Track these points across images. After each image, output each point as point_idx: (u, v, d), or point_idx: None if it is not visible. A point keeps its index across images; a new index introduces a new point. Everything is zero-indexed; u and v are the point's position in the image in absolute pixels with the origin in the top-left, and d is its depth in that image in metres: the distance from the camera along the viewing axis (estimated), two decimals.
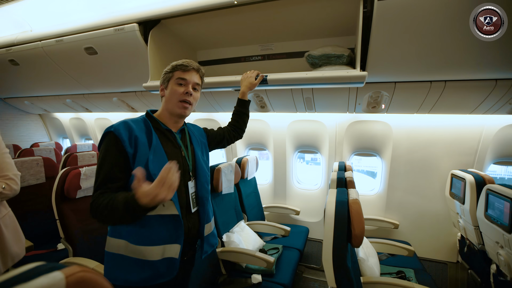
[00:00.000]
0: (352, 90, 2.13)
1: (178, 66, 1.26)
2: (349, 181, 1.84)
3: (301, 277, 2.97)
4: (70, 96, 3.60)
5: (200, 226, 1.31)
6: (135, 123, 1.17)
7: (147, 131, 1.19)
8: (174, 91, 1.24)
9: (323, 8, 1.75)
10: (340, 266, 1.21)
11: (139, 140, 1.13)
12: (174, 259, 1.17)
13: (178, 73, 1.25)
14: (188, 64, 1.26)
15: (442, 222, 2.63)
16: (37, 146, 4.30)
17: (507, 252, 1.62)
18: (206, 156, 1.45)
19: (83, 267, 0.47)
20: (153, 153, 1.14)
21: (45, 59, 2.65)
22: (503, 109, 1.98)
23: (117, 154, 1.09)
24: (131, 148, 1.11)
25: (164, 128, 1.26)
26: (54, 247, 2.28)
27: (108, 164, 1.08)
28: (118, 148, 1.09)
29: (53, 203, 1.89)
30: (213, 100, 2.74)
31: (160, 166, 1.11)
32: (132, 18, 2.03)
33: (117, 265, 1.15)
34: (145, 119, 1.24)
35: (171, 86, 1.26)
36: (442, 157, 2.54)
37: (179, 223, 1.17)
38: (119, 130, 1.10)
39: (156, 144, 1.17)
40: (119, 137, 1.09)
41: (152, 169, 1.11)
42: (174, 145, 1.27)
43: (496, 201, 1.68)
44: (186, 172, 1.27)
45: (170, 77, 1.27)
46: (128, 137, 1.11)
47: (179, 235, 1.18)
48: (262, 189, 3.39)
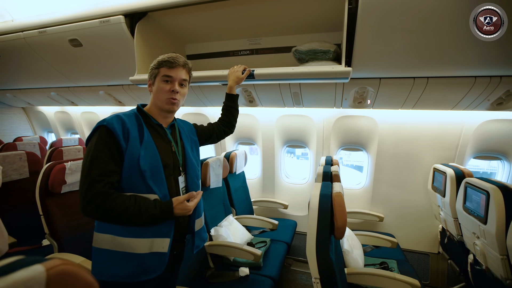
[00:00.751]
0: (338, 86, 2.16)
1: (164, 62, 1.23)
2: (334, 175, 1.88)
3: (289, 270, 3.02)
4: (54, 89, 3.51)
5: (191, 221, 1.32)
6: (127, 117, 1.16)
7: (139, 126, 1.18)
8: (160, 89, 1.23)
9: (310, 3, 1.76)
10: (323, 257, 1.25)
11: (130, 134, 1.12)
12: (163, 254, 1.17)
13: (164, 70, 1.23)
14: (174, 61, 1.24)
15: (425, 214, 2.72)
16: (21, 140, 4.18)
17: (482, 242, 1.70)
18: (196, 152, 1.45)
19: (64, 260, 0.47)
20: (144, 149, 1.14)
21: (27, 51, 2.57)
22: (482, 105, 2.06)
23: (112, 148, 1.08)
24: (124, 141, 1.10)
25: (155, 123, 1.26)
26: (39, 243, 2.25)
27: (103, 158, 1.06)
28: (112, 140, 1.08)
29: (37, 198, 1.86)
30: (201, 94, 2.73)
31: (150, 162, 1.14)
32: (118, 10, 1.99)
33: (104, 260, 1.14)
34: (136, 114, 1.23)
35: (157, 83, 1.24)
36: (425, 151, 2.62)
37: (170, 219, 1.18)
38: (113, 123, 1.09)
39: (148, 140, 1.17)
40: (113, 131, 1.08)
41: (143, 165, 1.11)
42: (165, 140, 1.27)
43: (474, 194, 1.75)
44: (176, 167, 1.27)
45: (156, 73, 1.25)
46: (121, 130, 1.10)
47: (169, 229, 1.18)
48: (251, 183, 3.41)
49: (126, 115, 1.18)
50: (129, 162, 1.10)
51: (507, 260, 1.51)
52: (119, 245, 1.13)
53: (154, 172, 1.15)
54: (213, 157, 2.43)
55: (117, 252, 1.13)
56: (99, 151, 1.06)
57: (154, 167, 1.15)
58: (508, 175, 2.49)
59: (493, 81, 1.81)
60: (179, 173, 1.28)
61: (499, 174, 2.59)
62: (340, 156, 3.17)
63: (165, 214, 1.11)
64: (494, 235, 1.53)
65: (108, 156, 1.07)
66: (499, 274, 1.59)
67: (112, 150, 1.08)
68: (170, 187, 1.22)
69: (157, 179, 1.15)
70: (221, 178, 2.52)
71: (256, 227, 2.79)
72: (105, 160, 1.06)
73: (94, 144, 1.07)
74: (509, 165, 2.48)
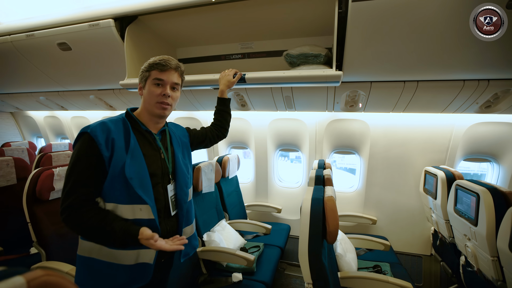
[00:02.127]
0: (330, 89, 2.17)
1: (155, 65, 1.19)
2: (327, 179, 1.88)
3: (283, 274, 3.00)
4: (43, 93, 3.45)
5: (179, 230, 1.28)
6: (113, 123, 1.12)
7: (125, 132, 1.14)
8: (151, 92, 1.19)
9: (301, 7, 1.77)
10: (315, 262, 1.24)
11: (115, 142, 1.08)
12: (148, 265, 1.14)
13: (155, 73, 1.19)
14: (165, 63, 1.20)
15: (417, 217, 2.74)
16: (9, 146, 4.09)
17: (473, 244, 1.71)
18: (187, 158, 1.41)
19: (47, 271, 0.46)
20: (130, 157, 1.10)
21: (15, 54, 2.52)
22: (471, 108, 2.09)
23: (91, 157, 1.04)
24: (107, 151, 1.06)
25: (143, 129, 1.21)
26: (27, 252, 2.19)
27: (81, 167, 1.04)
28: (93, 150, 1.04)
29: (24, 206, 1.81)
30: (193, 98, 2.71)
31: (137, 170, 1.10)
32: (107, 14, 1.97)
33: (89, 270, 1.11)
34: (124, 119, 1.18)
35: (148, 86, 1.20)
36: (417, 154, 2.64)
37: (155, 228, 1.12)
38: (96, 132, 1.05)
39: (134, 147, 1.12)
40: (95, 139, 1.04)
41: (129, 173, 1.07)
42: (153, 147, 1.22)
43: (464, 196, 1.77)
44: (165, 175, 1.23)
45: (147, 76, 1.21)
46: (105, 139, 1.06)
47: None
48: (244, 187, 3.39)
49: (113, 121, 1.13)
50: (112, 171, 1.06)
51: (498, 261, 1.53)
52: (106, 255, 1.10)
53: (142, 181, 1.11)
54: (205, 161, 2.41)
55: (103, 262, 1.10)
56: (79, 161, 1.04)
57: (142, 175, 1.11)
58: (498, 177, 2.53)
59: (481, 85, 1.84)
60: (168, 181, 1.25)
61: (489, 176, 2.62)
62: (333, 159, 3.17)
63: (128, 238, 1.03)
64: (485, 237, 1.54)
65: (87, 166, 1.04)
66: (490, 275, 1.60)
67: (91, 160, 1.04)
68: (158, 195, 1.18)
69: (145, 188, 1.12)
70: (213, 183, 2.49)
71: (250, 231, 2.76)
72: (83, 171, 1.04)
73: (75, 153, 1.05)
74: (499, 167, 2.52)
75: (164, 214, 1.22)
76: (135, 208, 1.10)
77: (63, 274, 1.62)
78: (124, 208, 1.09)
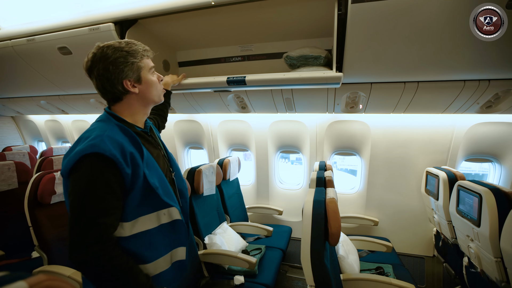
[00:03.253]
0: (330, 91, 2.17)
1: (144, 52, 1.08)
2: (328, 180, 1.87)
3: (285, 277, 2.99)
4: (44, 97, 3.46)
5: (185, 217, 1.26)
6: (116, 135, 0.98)
7: (131, 140, 1.02)
8: (153, 83, 1.11)
9: (300, 9, 1.78)
10: (318, 264, 1.23)
11: (134, 155, 0.97)
12: (183, 261, 1.18)
13: (147, 61, 1.10)
14: (147, 48, 1.11)
15: (419, 218, 2.72)
16: (10, 150, 4.09)
17: (476, 245, 1.70)
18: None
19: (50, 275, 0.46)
20: (146, 166, 1.02)
21: (15, 59, 2.53)
22: (471, 108, 2.08)
23: (113, 180, 0.91)
24: (128, 167, 0.94)
25: (139, 130, 1.12)
26: (28, 256, 2.19)
27: (102, 196, 0.89)
28: (114, 171, 0.91)
29: (26, 210, 1.81)
30: (193, 101, 2.71)
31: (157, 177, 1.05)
32: (107, 18, 1.97)
33: None
34: (122, 126, 1.03)
35: (147, 77, 1.09)
36: (418, 155, 2.63)
37: (183, 228, 1.16)
38: (110, 150, 0.90)
39: (147, 155, 1.04)
40: (114, 159, 0.90)
41: (153, 183, 1.01)
42: (154, 146, 1.18)
43: (466, 197, 1.76)
44: (168, 169, 1.22)
45: (140, 68, 1.07)
46: (121, 156, 0.93)
47: (185, 237, 1.18)
48: (245, 189, 3.39)
49: (115, 133, 0.98)
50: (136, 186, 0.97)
51: (501, 262, 1.52)
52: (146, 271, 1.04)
53: (164, 187, 1.07)
54: (206, 164, 2.41)
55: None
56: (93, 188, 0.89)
57: (162, 181, 1.08)
58: (500, 177, 2.52)
59: (481, 85, 1.84)
60: (171, 174, 1.24)
61: (491, 176, 2.62)
62: (334, 161, 3.17)
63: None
64: (488, 237, 1.53)
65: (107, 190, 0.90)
66: (494, 276, 1.59)
67: (112, 185, 0.91)
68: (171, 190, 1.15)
69: (168, 193, 1.09)
70: (214, 185, 2.49)
71: (251, 234, 2.75)
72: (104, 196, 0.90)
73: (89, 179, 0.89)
74: (500, 167, 2.51)
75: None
76: (160, 214, 1.06)
77: (65, 278, 1.62)
78: (148, 218, 1.03)
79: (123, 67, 1.02)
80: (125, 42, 1.06)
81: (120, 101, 1.08)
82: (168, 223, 1.10)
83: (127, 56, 1.03)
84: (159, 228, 1.07)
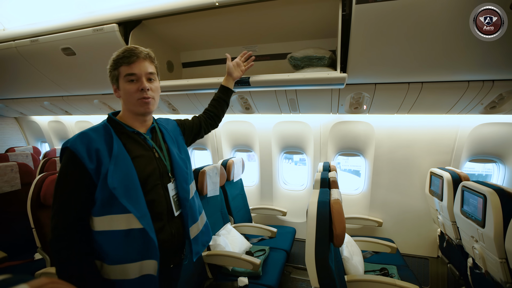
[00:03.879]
0: (334, 92, 2.17)
1: (120, 60, 1.08)
2: (332, 181, 1.87)
3: (289, 278, 2.98)
4: (48, 98, 3.47)
5: (185, 231, 1.22)
6: (94, 132, 1.05)
7: (108, 138, 1.06)
8: (127, 91, 1.09)
9: (304, 10, 1.77)
10: (322, 266, 1.22)
11: (100, 151, 1.01)
12: (153, 276, 1.07)
13: (124, 68, 1.08)
14: (131, 54, 1.07)
15: (423, 218, 2.71)
16: (13, 151, 4.11)
17: (481, 246, 1.69)
18: (183, 153, 1.32)
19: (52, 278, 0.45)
20: (114, 163, 1.01)
21: (19, 60, 2.54)
22: (475, 109, 2.07)
23: (75, 173, 0.99)
24: (91, 163, 0.99)
25: (130, 131, 1.14)
26: (31, 257, 2.19)
27: (66, 185, 0.99)
28: (76, 165, 0.98)
29: (29, 211, 1.81)
30: (197, 102, 2.71)
31: (121, 177, 1.01)
32: (111, 18, 1.97)
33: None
34: (106, 125, 1.10)
35: (122, 85, 1.10)
36: (422, 156, 2.62)
37: (148, 239, 1.04)
38: (75, 145, 0.99)
39: (119, 152, 1.04)
40: (76, 153, 0.98)
41: (111, 183, 0.99)
42: (145, 147, 1.15)
43: (471, 197, 1.75)
44: (164, 174, 1.17)
45: (116, 75, 1.10)
46: (86, 151, 0.99)
47: (154, 251, 1.06)
48: (249, 190, 3.38)
49: (94, 129, 1.06)
50: (101, 182, 1.00)
51: (506, 263, 1.51)
52: (108, 273, 1.04)
53: (128, 189, 1.02)
54: (210, 165, 2.41)
55: (107, 280, 1.04)
56: (64, 179, 1.00)
57: (128, 182, 1.03)
58: (504, 178, 2.51)
59: (486, 85, 1.83)
60: (168, 180, 1.18)
61: (495, 176, 2.60)
62: (338, 161, 3.16)
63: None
64: (493, 238, 1.52)
65: (72, 183, 0.99)
66: (498, 277, 1.58)
67: (76, 176, 0.99)
68: (157, 198, 1.12)
69: (132, 197, 1.02)
70: (218, 186, 2.49)
71: (255, 235, 2.75)
72: (69, 189, 0.99)
73: (60, 170, 1.01)
74: (504, 168, 2.50)
75: (167, 217, 1.16)
76: (130, 217, 1.02)
77: None
78: (114, 218, 1.02)
79: (109, 73, 1.13)
80: (121, 49, 1.11)
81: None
82: (137, 229, 1.03)
83: (112, 63, 1.11)
84: (127, 232, 1.03)
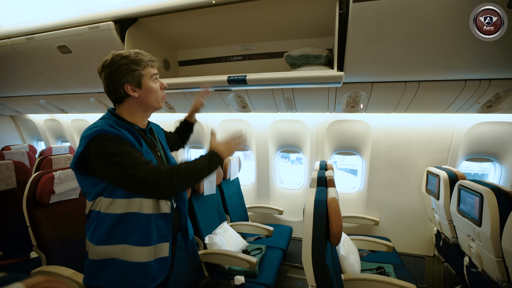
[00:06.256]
0: (331, 90, 2.17)
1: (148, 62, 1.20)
2: (329, 180, 1.87)
3: (285, 277, 2.98)
4: (43, 96, 3.44)
5: (182, 221, 1.32)
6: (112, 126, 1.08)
7: (132, 134, 1.14)
8: (154, 89, 1.22)
9: (301, 9, 1.77)
10: (319, 264, 1.22)
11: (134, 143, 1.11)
12: (166, 258, 1.19)
13: (150, 70, 1.21)
14: (153, 59, 1.23)
15: (420, 217, 2.72)
16: (9, 149, 4.07)
17: (477, 245, 1.70)
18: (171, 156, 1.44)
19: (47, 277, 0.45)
20: (146, 152, 1.14)
21: (14, 58, 2.52)
22: (472, 108, 2.08)
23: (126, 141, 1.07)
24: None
25: (137, 128, 1.22)
26: (27, 256, 2.18)
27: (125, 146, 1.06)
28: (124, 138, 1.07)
29: (24, 209, 1.80)
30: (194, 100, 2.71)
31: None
32: (107, 16, 1.96)
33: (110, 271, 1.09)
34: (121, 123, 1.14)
35: (147, 84, 1.19)
36: (418, 155, 2.63)
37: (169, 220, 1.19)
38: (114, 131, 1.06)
39: (145, 146, 1.16)
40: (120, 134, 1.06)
41: None
42: (150, 144, 1.23)
43: (467, 196, 1.76)
44: None
45: (142, 75, 1.18)
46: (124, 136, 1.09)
47: (168, 233, 1.19)
48: (245, 189, 3.38)
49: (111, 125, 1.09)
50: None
51: (503, 262, 1.51)
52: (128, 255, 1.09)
53: None
54: None
55: (123, 262, 1.09)
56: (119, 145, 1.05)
57: None
58: (500, 177, 2.52)
59: (482, 84, 1.83)
60: None
61: (491, 175, 2.61)
62: (334, 160, 3.16)
63: (212, 161, 1.16)
64: (489, 237, 1.53)
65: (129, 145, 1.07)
66: (495, 276, 1.59)
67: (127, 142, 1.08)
68: None
69: None
70: (215, 185, 2.48)
71: (251, 234, 2.75)
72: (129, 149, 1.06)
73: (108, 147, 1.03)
74: (501, 167, 2.51)
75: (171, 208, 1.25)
76: (161, 202, 1.16)
77: (64, 279, 1.61)
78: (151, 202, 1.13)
79: (125, 73, 1.14)
80: (134, 52, 1.18)
81: (122, 102, 1.20)
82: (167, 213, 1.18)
83: (130, 64, 1.14)
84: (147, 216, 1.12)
